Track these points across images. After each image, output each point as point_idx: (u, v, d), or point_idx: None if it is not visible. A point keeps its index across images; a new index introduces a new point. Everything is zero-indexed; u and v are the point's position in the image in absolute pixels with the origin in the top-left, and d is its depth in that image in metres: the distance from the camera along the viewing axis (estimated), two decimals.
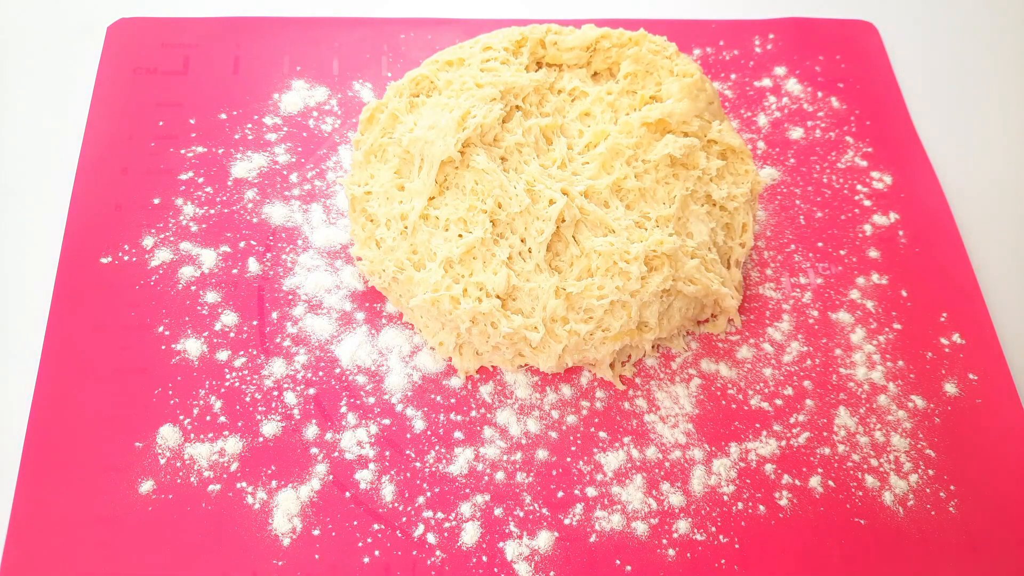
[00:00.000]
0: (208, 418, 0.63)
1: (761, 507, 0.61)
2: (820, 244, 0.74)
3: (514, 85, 0.69)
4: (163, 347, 0.65)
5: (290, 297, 0.69)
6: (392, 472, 0.61)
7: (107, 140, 0.75)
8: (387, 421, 0.64)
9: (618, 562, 0.59)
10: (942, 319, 0.71)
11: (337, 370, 0.66)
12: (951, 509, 0.62)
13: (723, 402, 0.66)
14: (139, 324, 0.66)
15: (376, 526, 0.59)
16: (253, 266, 0.70)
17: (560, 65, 0.74)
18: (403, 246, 0.65)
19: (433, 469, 0.62)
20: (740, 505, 0.61)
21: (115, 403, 0.63)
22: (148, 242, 0.70)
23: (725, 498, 0.62)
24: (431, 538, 0.59)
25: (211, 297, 0.68)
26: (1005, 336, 0.70)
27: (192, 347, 0.65)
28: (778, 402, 0.66)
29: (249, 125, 0.77)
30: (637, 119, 0.69)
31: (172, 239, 0.71)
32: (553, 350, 0.63)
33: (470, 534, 0.59)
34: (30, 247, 0.71)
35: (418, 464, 0.62)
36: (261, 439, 0.62)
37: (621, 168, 0.67)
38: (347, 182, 0.69)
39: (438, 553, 0.59)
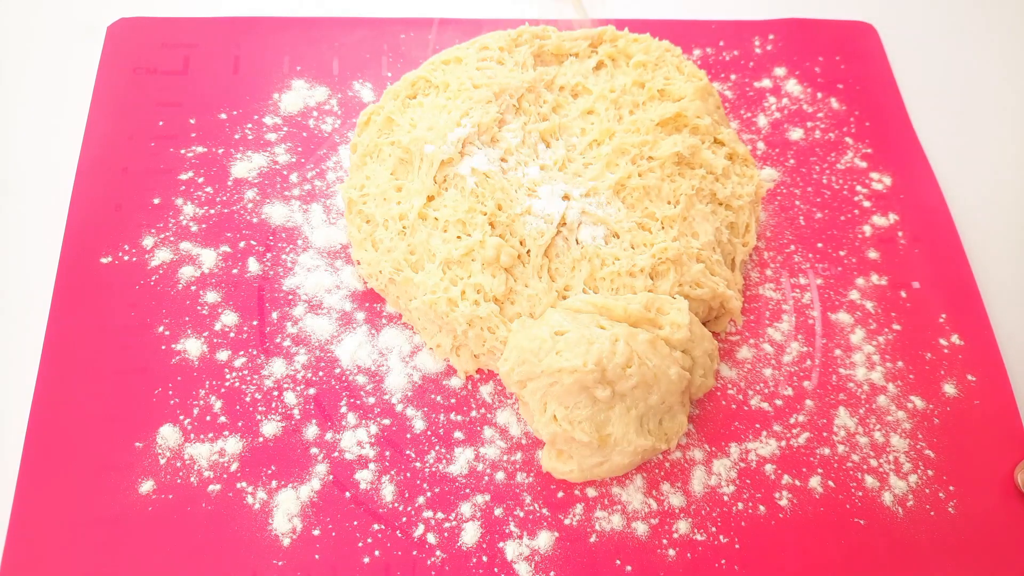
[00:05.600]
0: (208, 418, 0.63)
1: (761, 507, 0.61)
2: (820, 244, 0.74)
3: (507, 86, 0.69)
4: (163, 347, 0.65)
5: (290, 297, 0.69)
6: (392, 472, 0.62)
7: (107, 140, 0.75)
8: (387, 421, 0.64)
9: (618, 562, 0.59)
10: (941, 320, 0.71)
11: (337, 370, 0.66)
12: (950, 509, 0.62)
13: (723, 402, 0.66)
14: (139, 324, 0.66)
15: (376, 526, 0.59)
16: (253, 266, 0.70)
17: (564, 55, 0.74)
18: (401, 246, 0.65)
19: (433, 469, 0.62)
20: (740, 505, 0.61)
21: (115, 403, 0.63)
22: (148, 242, 0.70)
23: (725, 498, 0.62)
24: (431, 538, 0.59)
25: (211, 297, 0.68)
26: (1003, 338, 0.70)
27: (192, 347, 0.65)
28: (778, 402, 0.66)
29: (249, 125, 0.77)
30: (651, 116, 0.69)
31: (172, 239, 0.71)
32: None
33: (470, 534, 0.59)
34: (30, 247, 0.71)
35: (418, 464, 0.62)
36: (261, 439, 0.62)
37: (626, 167, 0.67)
38: (343, 185, 0.70)
39: (438, 553, 0.59)
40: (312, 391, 0.65)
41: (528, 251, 0.64)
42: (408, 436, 0.63)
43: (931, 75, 0.88)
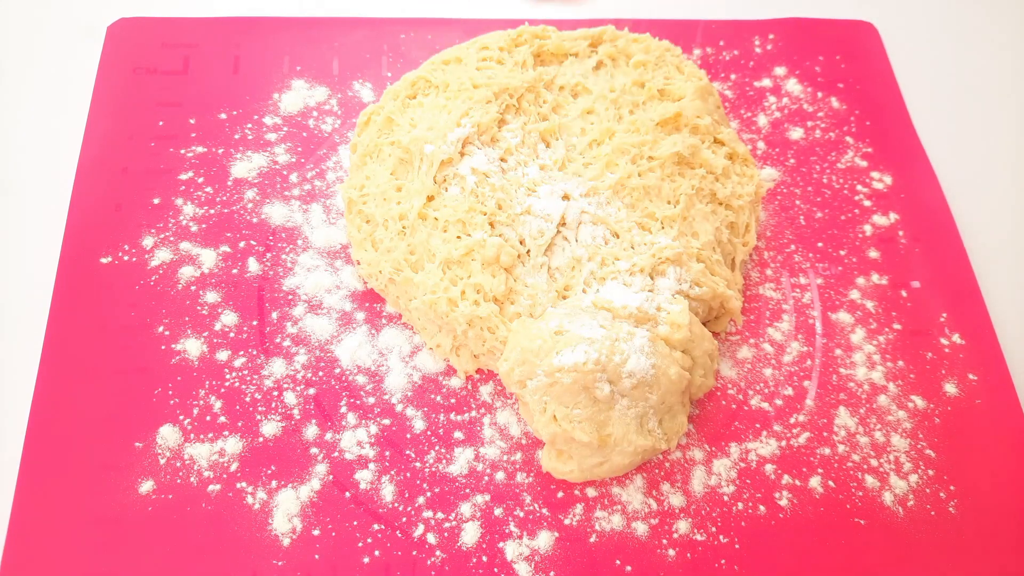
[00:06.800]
0: (208, 418, 0.63)
1: (761, 507, 0.61)
2: (820, 244, 0.74)
3: (507, 86, 0.69)
4: (163, 347, 0.65)
5: (290, 297, 0.69)
6: (392, 472, 0.61)
7: (107, 140, 0.75)
8: (387, 421, 0.64)
9: (618, 562, 0.59)
10: (942, 319, 0.71)
11: (337, 370, 0.66)
12: (951, 509, 0.62)
13: (723, 402, 0.66)
14: (139, 324, 0.66)
15: (376, 526, 0.59)
16: (253, 266, 0.70)
17: (564, 55, 0.74)
18: (401, 246, 0.65)
19: (433, 469, 0.62)
20: (740, 505, 0.61)
21: (115, 403, 0.63)
22: (148, 242, 0.70)
23: (725, 498, 0.62)
24: (431, 538, 0.59)
25: (211, 297, 0.68)
26: (1004, 337, 0.70)
27: (192, 347, 0.65)
28: (778, 402, 0.66)
29: (249, 125, 0.77)
30: (651, 116, 0.69)
31: (172, 239, 0.71)
32: None
33: (470, 534, 0.59)
34: (30, 247, 0.71)
35: (418, 464, 0.62)
36: (261, 439, 0.62)
37: (626, 166, 0.67)
38: (343, 185, 0.70)
39: (438, 553, 0.59)
40: (312, 391, 0.65)
41: (528, 251, 0.64)
42: (408, 436, 0.63)
43: (932, 74, 0.88)
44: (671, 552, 0.59)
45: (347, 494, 0.60)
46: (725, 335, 0.69)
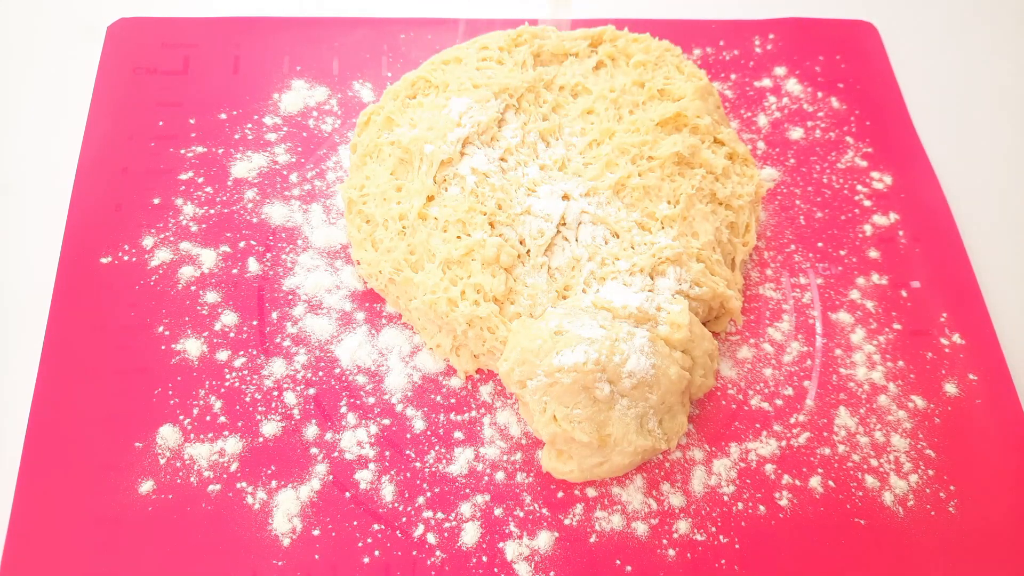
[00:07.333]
0: (208, 418, 0.63)
1: (761, 507, 0.61)
2: (820, 244, 0.74)
3: (507, 85, 0.69)
4: (163, 347, 0.65)
5: (290, 297, 0.69)
6: (392, 472, 0.62)
7: (107, 140, 0.75)
8: (387, 421, 0.64)
9: (618, 562, 0.59)
10: (942, 319, 0.71)
11: (337, 370, 0.66)
12: (951, 509, 0.62)
13: (723, 402, 0.66)
14: (139, 324, 0.66)
15: (376, 526, 0.59)
16: (253, 266, 0.70)
17: (564, 55, 0.74)
18: (401, 246, 0.65)
19: (433, 469, 0.62)
20: (740, 505, 0.61)
21: (115, 403, 0.63)
22: (148, 242, 0.70)
23: (725, 498, 0.62)
24: (431, 538, 0.59)
25: (211, 297, 0.68)
26: (1005, 336, 0.70)
27: (192, 347, 0.65)
28: (778, 402, 0.66)
29: (249, 125, 0.77)
30: (651, 116, 0.69)
31: (172, 239, 0.71)
32: None
33: (470, 534, 0.59)
34: (30, 247, 0.71)
35: (418, 464, 0.62)
36: (261, 439, 0.62)
37: (625, 166, 0.67)
38: (343, 185, 0.70)
39: (438, 553, 0.59)
40: (312, 391, 0.65)
41: (528, 251, 0.64)
42: (408, 436, 0.63)
43: (932, 74, 0.88)
44: (671, 552, 0.59)
45: (347, 494, 0.60)
46: (725, 335, 0.69)
